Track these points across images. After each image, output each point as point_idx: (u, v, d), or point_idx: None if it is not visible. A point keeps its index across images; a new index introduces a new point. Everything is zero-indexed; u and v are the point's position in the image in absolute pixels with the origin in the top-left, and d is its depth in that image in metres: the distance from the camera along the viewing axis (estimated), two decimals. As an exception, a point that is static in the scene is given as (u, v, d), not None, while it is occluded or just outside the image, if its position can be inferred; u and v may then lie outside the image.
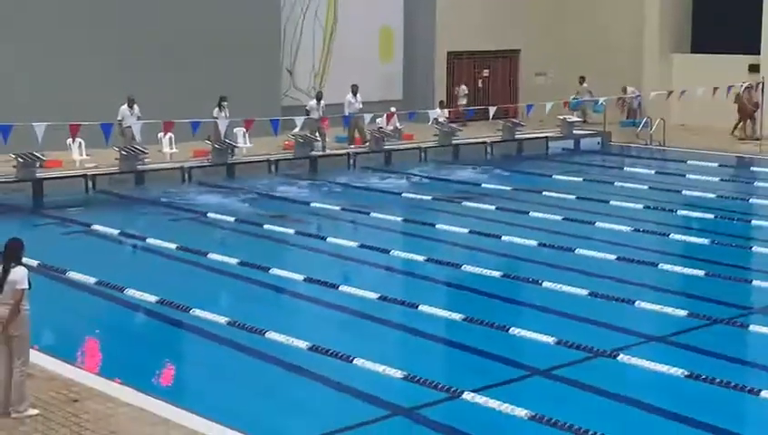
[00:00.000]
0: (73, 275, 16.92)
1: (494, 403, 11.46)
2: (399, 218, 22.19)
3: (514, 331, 14.18)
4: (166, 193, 25.30)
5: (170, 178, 26.55)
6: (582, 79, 36.11)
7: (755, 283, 17.30)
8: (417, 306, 15.57)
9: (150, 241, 20.06)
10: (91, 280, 16.67)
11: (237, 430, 10.35)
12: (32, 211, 23.47)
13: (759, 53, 34.12)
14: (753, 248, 19.96)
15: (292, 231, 20.93)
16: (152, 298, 15.62)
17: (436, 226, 21.23)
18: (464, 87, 35.54)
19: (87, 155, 26.14)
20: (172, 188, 25.95)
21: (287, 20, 33.64)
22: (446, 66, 37.12)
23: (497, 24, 37.80)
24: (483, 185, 26.34)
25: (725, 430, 11.38)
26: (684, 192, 25.29)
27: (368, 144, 30.31)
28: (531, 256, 18.85)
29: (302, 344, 13.36)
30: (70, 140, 25.75)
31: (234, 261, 18.19)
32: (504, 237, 20.02)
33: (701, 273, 17.46)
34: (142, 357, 13.91)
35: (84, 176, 25.40)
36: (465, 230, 20.69)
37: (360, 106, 31.05)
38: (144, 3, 29.80)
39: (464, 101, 35.07)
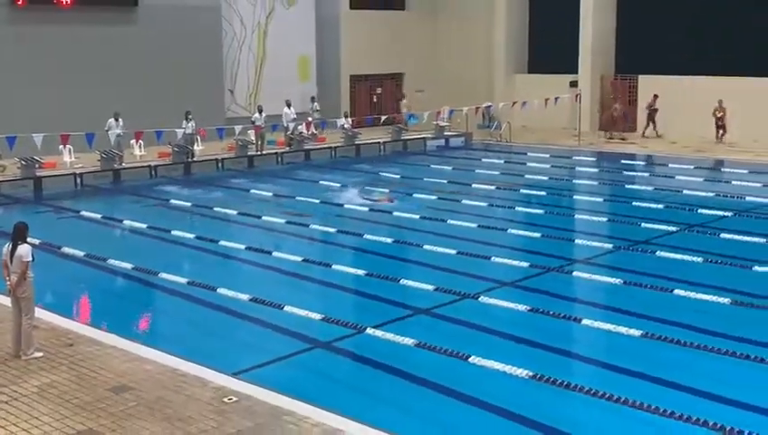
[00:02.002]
0: (67, 249, 16.65)
1: (389, 335, 11.60)
2: (317, 200, 22.11)
3: (403, 281, 14.34)
4: (137, 186, 24.88)
5: (141, 174, 26.08)
6: (403, 96, 35.95)
7: (577, 241, 17.80)
8: (330, 265, 15.65)
9: (126, 222, 19.82)
10: (81, 253, 16.46)
11: (197, 362, 10.30)
12: (33, 202, 22.92)
13: (577, 72, 34.65)
14: (574, 216, 20.39)
15: (235, 212, 20.76)
16: (128, 265, 15.49)
17: (346, 205, 21.27)
18: (315, 104, 33.68)
19: (75, 158, 25.64)
20: (142, 182, 25.52)
21: (228, 52, 33.27)
22: (350, 86, 37.02)
23: (387, 54, 37.76)
24: (380, 174, 26.42)
25: (557, 348, 11.64)
26: (525, 176, 25.59)
27: (291, 145, 30.23)
28: (415, 225, 18.92)
29: (245, 297, 13.36)
30: (62, 147, 25.27)
31: (191, 236, 18.04)
32: (394, 213, 20.15)
33: (538, 235, 17.76)
34: (122, 310, 13.82)
35: (74, 174, 24.89)
36: (366, 208, 20.74)
37: (295, 116, 30.93)
38: (118, 40, 29.24)
39: (316, 115, 33.16)
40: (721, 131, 30.27)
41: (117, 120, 26.26)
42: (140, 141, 26.96)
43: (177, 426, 8.60)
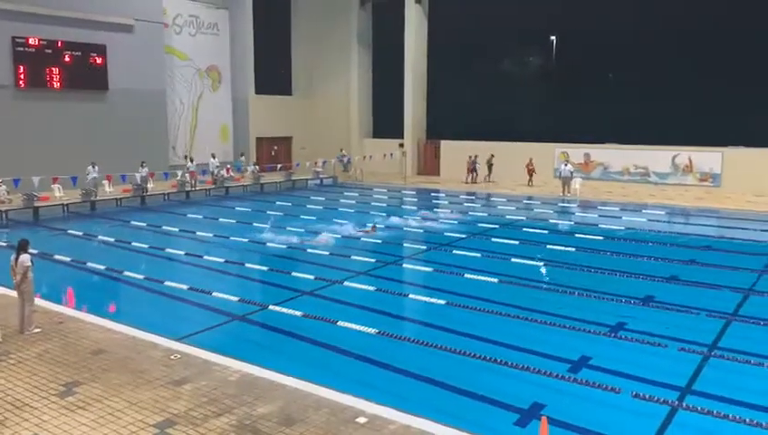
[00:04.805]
0: (57, 256, 15.66)
1: (285, 310, 11.49)
2: (234, 220, 21.63)
3: (294, 274, 14.20)
4: (107, 212, 23.57)
5: (110, 204, 24.74)
6: (242, 154, 34.19)
7: (404, 244, 17.94)
8: (244, 264, 15.34)
9: (100, 237, 18.79)
10: (67, 259, 15.52)
11: (150, 332, 9.91)
12: (33, 224, 21.30)
13: (403, 138, 35.24)
14: (402, 228, 20.52)
15: (177, 229, 20.02)
16: (101, 267, 14.71)
17: (253, 223, 20.87)
18: (215, 160, 30.17)
19: (63, 193, 24.17)
20: (111, 209, 24.20)
21: (171, 120, 32.08)
22: (256, 144, 36.43)
23: (280, 123, 37.46)
24: (276, 203, 26.11)
25: (393, 314, 11.80)
26: (372, 203, 25.85)
27: (216, 183, 29.48)
28: (302, 236, 18.74)
29: (184, 286, 12.92)
30: (53, 185, 23.97)
31: (146, 246, 17.29)
32: (287, 227, 19.94)
33: (380, 241, 17.97)
34: (97, 297, 13.08)
35: (62, 205, 23.37)
36: (268, 225, 20.43)
37: (218, 164, 30.14)
38: (94, 112, 27.78)
39: (216, 163, 29.99)
40: (530, 178, 29.59)
41: (93, 166, 25.24)
42: (110, 182, 25.91)
43: (138, 376, 8.24)
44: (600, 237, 18.21)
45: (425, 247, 17.49)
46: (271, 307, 11.67)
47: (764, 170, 26.13)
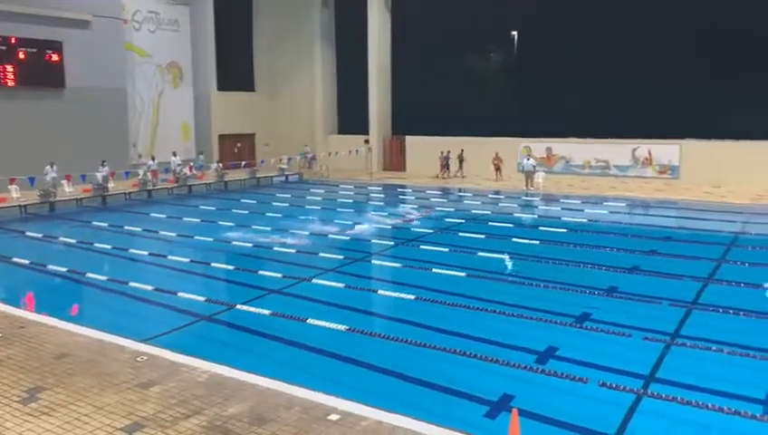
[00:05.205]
0: (16, 259, 15.21)
1: (253, 309, 11.38)
2: (198, 220, 21.30)
3: (261, 272, 14.06)
4: (67, 213, 23.01)
5: (70, 205, 24.13)
6: (201, 153, 33.24)
7: (372, 241, 17.82)
8: (210, 263, 15.15)
9: (61, 238, 18.33)
10: (26, 261, 15.08)
11: (116, 334, 9.68)
12: (-13, 226, 20.76)
13: (369, 134, 35.19)
14: (371, 224, 20.29)
15: (140, 229, 19.64)
16: (63, 269, 14.34)
17: (219, 222, 20.57)
18: (176, 159, 29.79)
19: (20, 194, 23.45)
20: (71, 210, 23.62)
21: (132, 118, 31.45)
22: (218, 142, 35.95)
23: (243, 120, 37.04)
24: (241, 200, 25.80)
25: (363, 310, 11.79)
26: (338, 199, 25.78)
27: (179, 181, 29.00)
28: (268, 233, 18.56)
29: (149, 287, 12.69)
30: (10, 186, 23.24)
31: (108, 246, 16.91)
32: (253, 226, 19.72)
33: (347, 238, 17.92)
34: (59, 301, 12.76)
35: (20, 206, 22.71)
36: (233, 223, 20.18)
37: (180, 162, 29.69)
38: (51, 110, 27.07)
39: (178, 161, 29.56)
40: (498, 173, 29.63)
41: (52, 166, 24.66)
42: (70, 182, 25.19)
43: (104, 379, 8.07)
44: (564, 230, 18.49)
45: (392, 243, 17.50)
46: (238, 306, 11.55)
47: (720, 162, 26.89)
